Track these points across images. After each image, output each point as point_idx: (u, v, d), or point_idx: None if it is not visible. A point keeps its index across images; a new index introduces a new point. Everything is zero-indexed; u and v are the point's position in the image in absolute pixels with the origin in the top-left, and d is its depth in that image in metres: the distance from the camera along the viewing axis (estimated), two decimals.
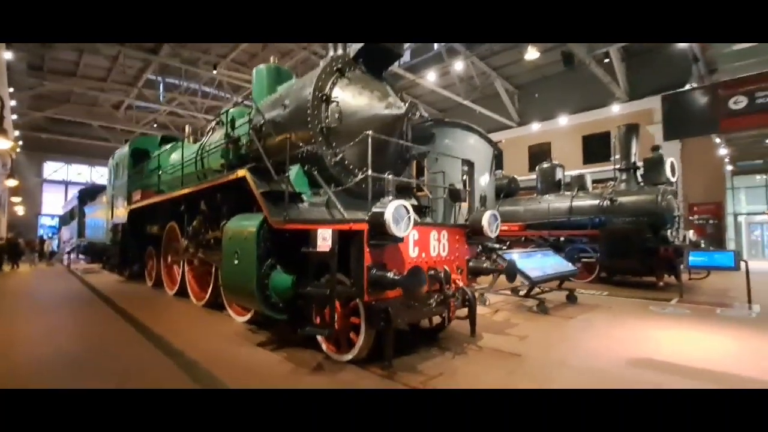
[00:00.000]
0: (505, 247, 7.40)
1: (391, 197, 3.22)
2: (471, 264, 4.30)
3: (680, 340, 4.60)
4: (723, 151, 13.24)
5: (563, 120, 19.85)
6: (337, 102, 4.17)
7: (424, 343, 4.23)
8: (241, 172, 4.26)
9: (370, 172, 3.35)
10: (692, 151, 15.40)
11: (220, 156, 5.55)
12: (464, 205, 6.74)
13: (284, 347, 4.14)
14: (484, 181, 8.40)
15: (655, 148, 9.86)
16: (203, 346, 4.25)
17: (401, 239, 3.20)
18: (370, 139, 3.37)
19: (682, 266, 7.58)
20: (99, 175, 29.04)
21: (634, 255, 8.65)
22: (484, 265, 4.23)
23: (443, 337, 4.52)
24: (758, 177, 18.47)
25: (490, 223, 4.18)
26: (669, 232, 8.86)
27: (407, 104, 4.04)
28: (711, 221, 16.59)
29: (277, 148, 4.58)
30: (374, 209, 3.15)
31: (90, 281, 10.30)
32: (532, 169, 20.43)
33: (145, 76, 19.79)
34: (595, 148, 19.68)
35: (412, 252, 3.67)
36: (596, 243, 9.63)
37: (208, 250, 5.93)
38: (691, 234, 9.59)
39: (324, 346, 3.83)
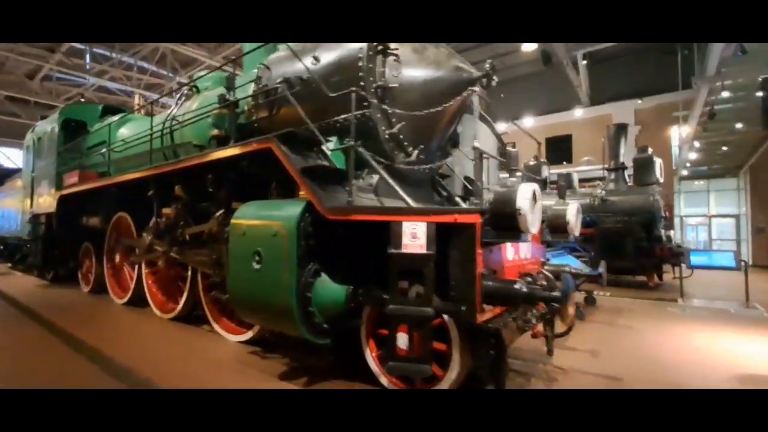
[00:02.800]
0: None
1: (520, 179, 2.33)
2: (547, 268, 3.54)
3: (745, 347, 4.24)
4: (692, 156, 14.05)
5: (528, 121, 20.17)
6: (398, 55, 3.16)
7: None
8: (262, 143, 3.09)
9: (475, 144, 2.42)
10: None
11: (209, 126, 4.24)
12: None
13: (319, 380, 3.07)
14: (493, 176, 7.77)
15: (643, 149, 9.96)
16: (201, 383, 3.04)
17: (527, 238, 2.32)
18: (457, 105, 2.44)
19: (684, 265, 7.54)
20: (5, 156, 24.47)
21: (630, 254, 8.58)
22: (568, 270, 3.47)
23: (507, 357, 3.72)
24: (696, 183, 20.16)
25: (576, 218, 3.45)
26: (662, 232, 8.92)
27: (488, 66, 3.15)
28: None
29: (299, 115, 3.47)
30: (494, 193, 2.24)
31: None
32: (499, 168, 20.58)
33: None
34: (558, 150, 20.28)
35: (509, 254, 2.81)
36: (586, 242, 9.49)
37: (185, 248, 4.58)
38: (672, 234, 9.81)
39: (384, 381, 2.83)
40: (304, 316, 2.68)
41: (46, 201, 7.67)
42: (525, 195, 2.15)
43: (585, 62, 15.52)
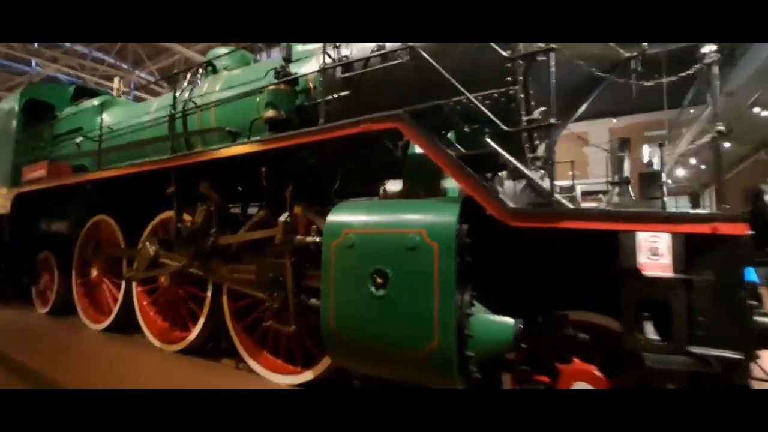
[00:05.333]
0: None
1: None
2: None
3: None
4: (681, 173, 14.70)
5: None
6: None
7: None
8: (386, 121, 2.28)
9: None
10: None
11: (254, 108, 3.36)
12: None
13: None
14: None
15: (650, 164, 10.05)
16: None
17: None
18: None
19: None
20: None
21: None
22: None
23: None
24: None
25: None
26: None
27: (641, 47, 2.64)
28: None
29: (386, 95, 2.74)
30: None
31: None
32: None
33: None
34: None
35: None
36: None
37: (212, 263, 3.58)
38: None
39: None
40: (462, 363, 1.90)
41: None
42: None
43: None
